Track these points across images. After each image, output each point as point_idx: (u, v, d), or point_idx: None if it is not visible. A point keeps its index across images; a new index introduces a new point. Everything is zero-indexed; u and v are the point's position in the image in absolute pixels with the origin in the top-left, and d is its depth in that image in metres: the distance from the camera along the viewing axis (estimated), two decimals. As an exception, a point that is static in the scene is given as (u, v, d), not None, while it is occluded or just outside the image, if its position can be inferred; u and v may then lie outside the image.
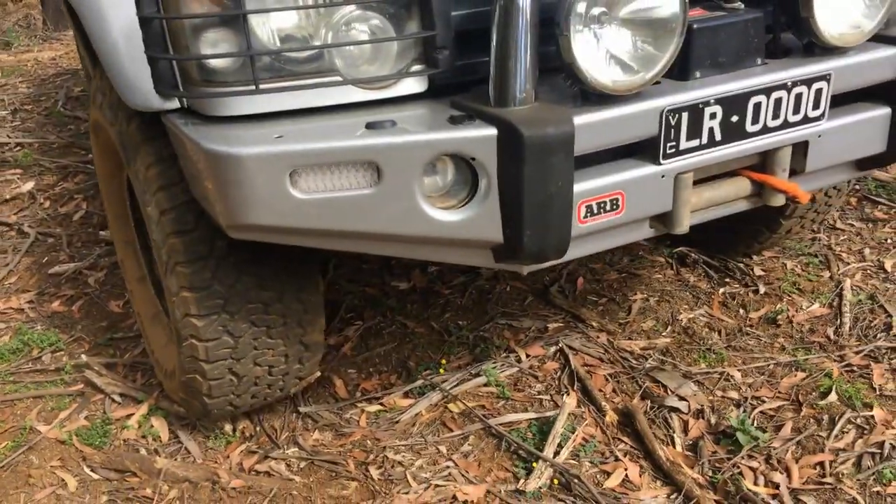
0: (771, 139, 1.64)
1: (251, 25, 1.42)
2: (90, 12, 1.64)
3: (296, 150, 1.40)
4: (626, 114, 1.46)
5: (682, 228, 1.64)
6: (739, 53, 1.60)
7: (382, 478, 2.01)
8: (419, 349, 2.49)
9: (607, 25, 1.42)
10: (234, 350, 1.86)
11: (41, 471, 2.10)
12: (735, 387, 2.26)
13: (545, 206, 1.42)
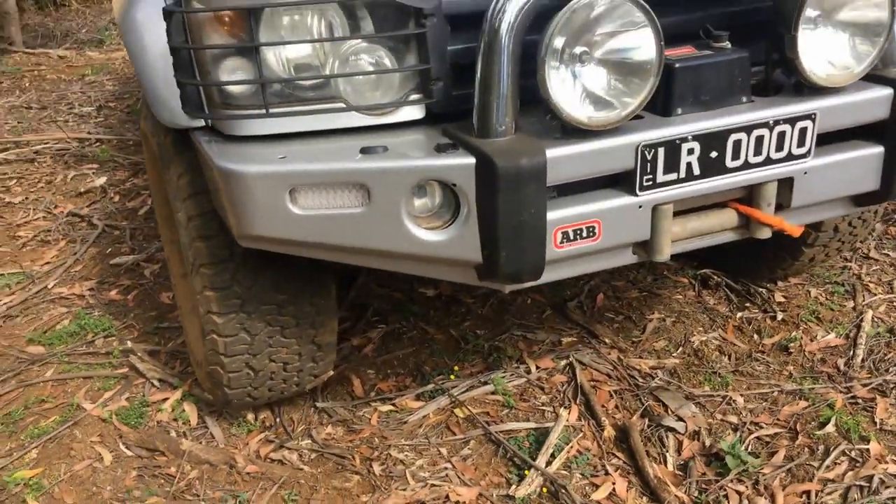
0: (753, 174, 1.70)
1: (263, 56, 1.59)
2: (132, 36, 1.84)
3: (295, 171, 1.55)
4: (601, 148, 1.55)
5: (662, 257, 1.72)
6: (723, 91, 1.67)
7: (383, 474, 2.15)
8: (436, 355, 2.62)
9: (584, 64, 1.52)
10: (250, 346, 2.03)
11: (82, 444, 2.32)
12: (736, 411, 2.30)
13: (519, 232, 1.53)
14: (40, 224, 3.88)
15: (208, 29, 1.59)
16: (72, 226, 3.83)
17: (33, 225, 3.87)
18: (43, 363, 2.72)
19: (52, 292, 3.20)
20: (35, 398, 2.54)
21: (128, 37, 1.87)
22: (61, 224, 3.84)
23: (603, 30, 1.51)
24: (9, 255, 3.57)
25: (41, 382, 2.62)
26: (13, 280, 3.31)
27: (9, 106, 6.32)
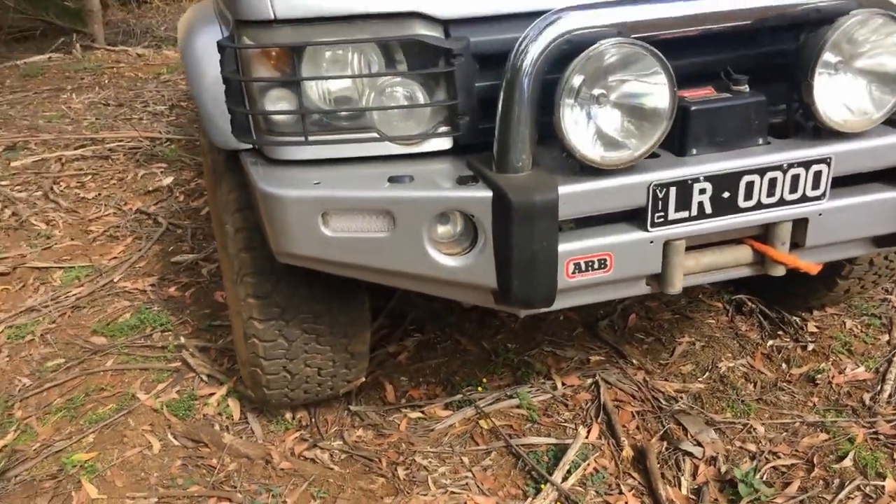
0: (766, 215, 1.75)
1: (304, 88, 1.73)
2: (190, 62, 2.01)
3: (327, 196, 1.69)
4: (613, 186, 1.64)
5: (674, 290, 1.80)
6: (739, 134, 1.73)
7: (407, 478, 2.27)
8: (466, 366, 2.73)
9: (598, 106, 1.61)
10: (287, 351, 2.18)
11: (134, 432, 2.52)
12: (755, 440, 2.34)
13: (531, 262, 1.63)
14: (110, 220, 4.14)
15: (256, 63, 1.73)
16: (139, 223, 4.08)
17: (104, 220, 4.13)
18: (104, 353, 2.94)
19: (117, 286, 3.44)
20: (95, 386, 2.75)
21: (187, 63, 2.03)
22: (129, 221, 4.09)
23: (617, 76, 1.59)
24: (80, 248, 3.83)
25: (101, 371, 2.83)
26: (83, 273, 3.56)
27: (88, 102, 6.69)
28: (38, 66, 8.31)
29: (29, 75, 7.96)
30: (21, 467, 2.40)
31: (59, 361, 2.92)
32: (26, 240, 3.95)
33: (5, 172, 4.90)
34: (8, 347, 3.06)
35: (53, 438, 2.51)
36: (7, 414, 2.66)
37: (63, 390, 2.76)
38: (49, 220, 4.16)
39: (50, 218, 4.18)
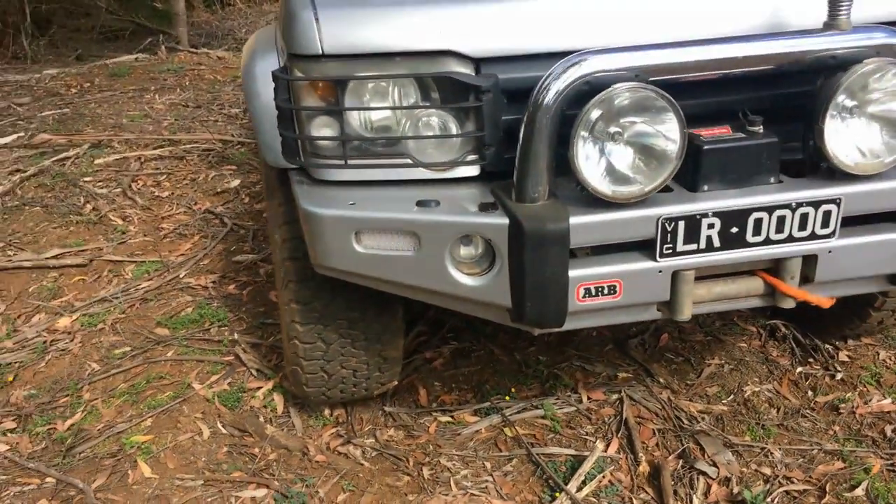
0: (775, 250, 1.84)
1: (346, 117, 1.90)
2: (249, 86, 2.20)
3: (360, 217, 1.85)
4: (623, 218, 1.75)
5: (683, 317, 1.89)
6: (750, 172, 1.82)
7: (431, 478, 2.42)
8: (498, 375, 2.87)
9: (611, 144, 1.73)
10: (325, 353, 2.36)
11: (187, 419, 2.74)
12: (771, 464, 2.40)
13: (543, 286, 1.76)
14: (181, 218, 4.42)
15: (305, 93, 1.91)
16: (206, 222, 4.35)
17: (175, 218, 4.42)
18: (166, 344, 3.19)
19: (182, 281, 3.70)
20: (156, 374, 3.00)
21: (246, 86, 2.23)
22: (197, 220, 4.36)
23: (630, 118, 1.70)
24: (151, 244, 4.11)
25: (162, 361, 3.08)
26: (152, 268, 3.84)
27: (169, 103, 7.08)
28: (126, 66, 8.79)
29: (117, 75, 8.43)
30: (85, 445, 2.65)
31: (125, 349, 3.18)
32: (104, 234, 4.26)
33: (89, 169, 5.27)
34: (81, 334, 3.34)
35: (115, 420, 2.76)
36: (77, 395, 2.92)
37: (127, 376, 3.01)
38: (125, 216, 4.47)
39: (126, 214, 4.49)
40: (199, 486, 2.44)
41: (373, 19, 1.87)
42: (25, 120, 6.83)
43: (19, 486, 2.49)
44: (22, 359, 3.19)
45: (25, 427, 2.78)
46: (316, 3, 1.91)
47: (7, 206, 4.79)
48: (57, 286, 3.77)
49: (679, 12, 1.87)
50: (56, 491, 2.45)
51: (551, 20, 1.84)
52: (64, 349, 3.24)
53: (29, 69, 9.56)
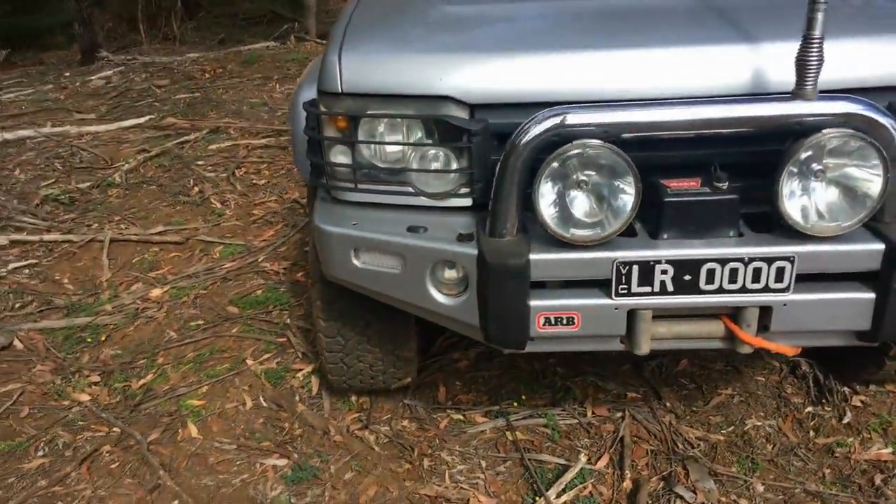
0: (729, 299, 1.97)
1: (358, 147, 2.18)
2: (292, 110, 2.52)
3: (357, 235, 2.14)
4: (580, 258, 1.94)
5: (640, 351, 2.06)
6: (710, 225, 1.95)
7: (429, 469, 2.69)
8: (514, 381, 3.09)
9: (574, 190, 1.91)
10: (343, 347, 2.67)
11: (236, 390, 3.14)
12: (750, 497, 2.51)
13: (504, 313, 1.98)
14: (271, 206, 4.88)
15: (327, 124, 2.21)
16: (292, 211, 4.78)
17: (266, 206, 4.88)
18: (233, 321, 3.61)
19: (259, 265, 4.12)
20: (219, 347, 3.42)
21: (290, 112, 2.55)
22: (285, 208, 4.80)
23: (588, 170, 1.89)
24: (240, 228, 4.58)
25: (227, 336, 3.50)
26: (237, 250, 4.29)
27: (287, 92, 7.62)
28: (257, 54, 9.47)
29: (248, 62, 9.11)
30: (150, 402, 3.10)
31: (199, 322, 3.63)
32: (203, 215, 4.78)
33: (203, 153, 5.84)
34: (167, 304, 3.83)
35: (178, 384, 3.20)
36: (152, 359, 3.39)
37: (196, 347, 3.45)
38: (224, 200, 4.97)
39: (226, 199, 4.99)
40: (232, 449, 2.82)
41: (385, 64, 2.13)
42: (161, 101, 7.57)
43: (91, 431, 2.96)
44: (116, 321, 3.71)
45: (107, 382, 3.27)
46: (343, 47, 2.20)
47: (130, 183, 5.42)
48: (156, 260, 4.30)
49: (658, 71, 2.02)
50: (119, 439, 2.90)
51: (538, 73, 2.04)
52: (151, 317, 3.74)
53: (176, 51, 10.47)
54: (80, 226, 4.79)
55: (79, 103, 7.85)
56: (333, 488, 2.62)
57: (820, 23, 1.82)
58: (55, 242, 4.55)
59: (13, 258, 4.41)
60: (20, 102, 8.14)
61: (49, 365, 3.42)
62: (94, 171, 5.73)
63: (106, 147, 6.22)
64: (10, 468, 2.79)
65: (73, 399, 3.17)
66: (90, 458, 2.81)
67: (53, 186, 5.43)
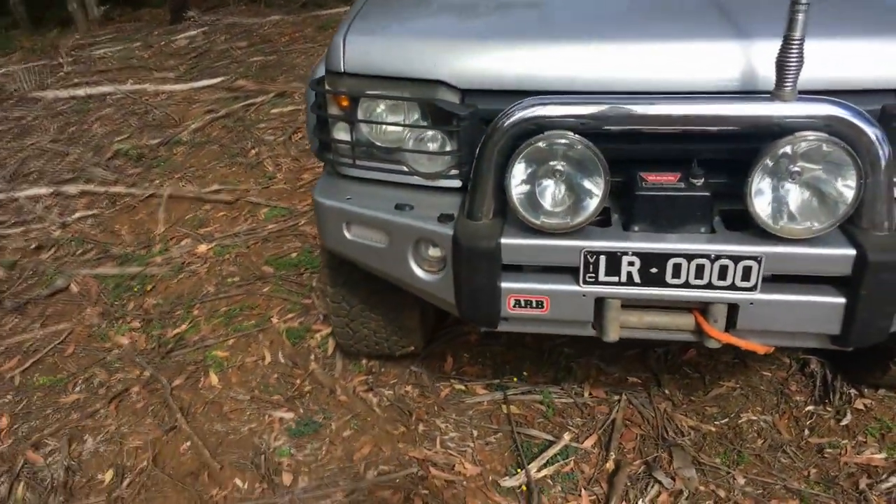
0: (694, 294, 2.00)
1: (358, 126, 2.29)
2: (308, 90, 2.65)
3: (348, 210, 2.26)
4: (549, 245, 2.00)
5: (608, 338, 2.12)
6: (681, 220, 1.98)
7: (423, 433, 2.82)
8: (518, 359, 3.17)
9: (546, 179, 1.98)
10: (348, 313, 2.82)
11: (258, 345, 3.34)
12: (729, 488, 2.54)
13: (475, 292, 2.08)
14: (320, 172, 5.04)
15: (331, 102, 2.33)
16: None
17: (315, 172, 5.06)
18: (266, 281, 3.82)
19: (299, 229, 4.31)
20: (250, 304, 3.63)
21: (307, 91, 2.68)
22: (333, 175, 4.96)
23: (560, 162, 1.95)
24: (287, 192, 4.78)
25: (259, 294, 3.71)
26: (281, 213, 4.50)
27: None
28: (334, 19, 9.64)
29: (324, 27, 9.30)
30: (181, 351, 3.34)
31: (235, 279, 3.86)
32: (255, 177, 5.00)
33: (265, 117, 6.07)
34: (210, 261, 4.07)
35: (208, 336, 3.43)
36: (189, 310, 3.63)
37: (230, 302, 3.68)
38: (277, 164, 5.19)
39: (279, 163, 5.21)
40: (246, 400, 3.02)
41: (384, 47, 2.23)
42: (236, 63, 7.85)
43: (124, 373, 3.22)
44: (163, 273, 3.98)
45: (146, 329, 3.53)
46: (349, 29, 2.31)
47: (194, 142, 5.70)
48: (206, 217, 4.55)
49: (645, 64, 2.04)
50: (147, 382, 3.15)
51: (524, 62, 2.09)
52: (194, 271, 3.99)
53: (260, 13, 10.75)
54: (143, 180, 5.09)
55: (161, 62, 8.23)
56: (331, 444, 2.79)
57: (801, 24, 1.80)
58: (119, 195, 4.86)
59: (80, 207, 4.75)
60: (109, 59, 8.59)
61: (98, 309, 3.71)
62: (165, 128, 6.04)
63: (178, 106, 6.54)
64: (49, 401, 3.08)
65: (114, 342, 3.44)
66: (119, 396, 3.07)
67: (125, 142, 5.76)
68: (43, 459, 2.78)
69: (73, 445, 2.83)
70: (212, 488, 2.62)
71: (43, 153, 5.64)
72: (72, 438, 2.87)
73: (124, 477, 2.68)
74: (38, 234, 4.42)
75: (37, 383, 3.18)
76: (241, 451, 2.77)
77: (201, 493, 2.60)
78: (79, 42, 9.65)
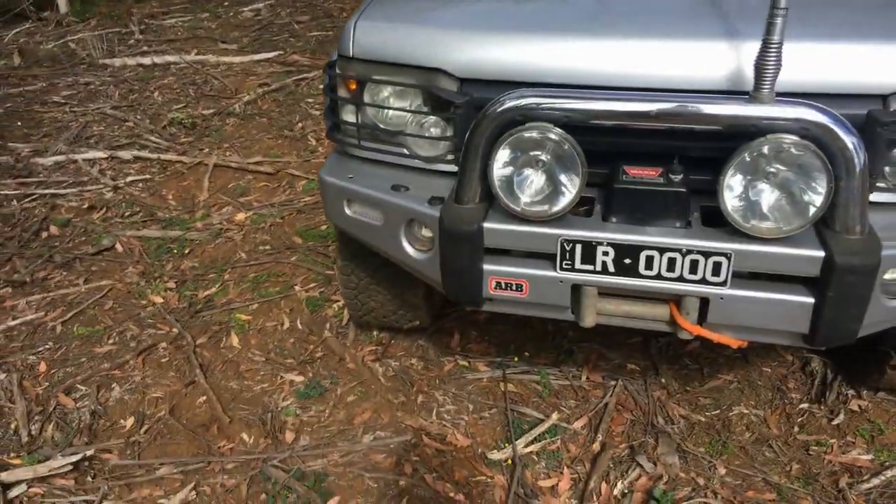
0: (665, 286, 2.07)
1: (364, 109, 2.42)
2: (327, 71, 2.79)
3: (349, 188, 2.40)
4: (528, 231, 2.10)
5: (585, 324, 2.21)
6: (658, 214, 2.05)
7: (421, 404, 2.96)
8: (523, 339, 3.28)
9: (527, 168, 2.07)
10: (357, 286, 2.97)
11: (279, 312, 3.53)
12: (708, 476, 2.61)
13: (457, 272, 2.19)
14: (360, 147, 5.20)
15: (340, 85, 2.46)
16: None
17: (355, 147, 5.20)
18: (294, 250, 4.00)
19: (332, 202, 4.47)
20: (277, 272, 3.83)
21: (326, 72, 2.82)
22: (371, 151, 5.11)
23: (536, 152, 2.04)
24: (326, 166, 4.94)
25: (286, 263, 3.90)
26: (317, 186, 4.66)
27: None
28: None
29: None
30: (208, 312, 3.56)
31: (267, 248, 4.06)
32: (297, 150, 5.20)
33: (315, 91, 6.25)
34: (247, 228, 4.28)
35: (235, 300, 3.63)
36: (221, 274, 3.85)
37: (258, 269, 3.88)
38: (320, 138, 5.36)
39: (321, 137, 5.38)
40: (261, 362, 3.22)
41: (390, 34, 2.35)
42: (295, 37, 8.06)
43: (155, 329, 3.46)
44: (202, 238, 4.20)
45: (179, 290, 3.76)
46: (360, 16, 2.43)
47: (245, 113, 5.93)
48: (248, 187, 4.76)
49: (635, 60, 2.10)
50: (174, 339, 3.38)
51: (518, 53, 2.18)
52: (230, 237, 4.20)
53: (325, -12, 10.89)
54: (193, 149, 5.34)
55: (226, 33, 8.49)
56: (335, 407, 2.96)
57: (779, 28, 1.84)
58: (169, 162, 5.12)
59: (133, 172, 5.03)
60: (178, 28, 8.90)
61: (139, 268, 3.96)
62: (220, 99, 6.29)
63: (235, 77, 6.78)
64: (84, 350, 3.33)
65: (150, 300, 3.68)
66: (148, 350, 3.31)
67: (182, 111, 6.03)
68: (73, 403, 3.03)
69: (101, 392, 3.07)
70: (220, 440, 2.82)
71: (104, 118, 5.95)
72: (101, 386, 3.11)
73: (143, 424, 2.91)
74: (92, 196, 4.71)
75: (76, 333, 3.44)
76: (251, 408, 2.96)
77: (210, 443, 2.80)
78: (154, 10, 10.00)
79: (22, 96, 6.49)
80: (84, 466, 2.70)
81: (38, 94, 6.52)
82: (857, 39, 2.02)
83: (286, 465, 2.68)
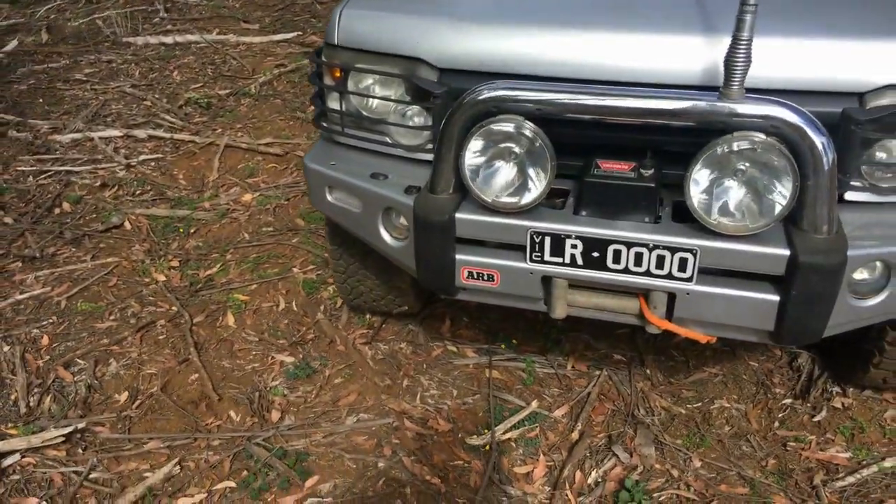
0: (632, 280, 2.09)
1: (347, 97, 2.46)
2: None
3: (330, 175, 2.44)
4: (498, 223, 2.12)
5: (554, 315, 2.23)
6: (626, 208, 2.06)
7: (406, 388, 3.01)
8: (514, 327, 3.31)
9: (499, 160, 2.09)
10: (346, 270, 3.02)
11: (276, 293, 3.60)
12: (682, 468, 2.63)
13: (430, 261, 2.22)
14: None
15: (326, 73, 2.50)
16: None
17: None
18: (296, 232, 4.06)
19: (337, 185, 4.52)
20: (277, 254, 3.89)
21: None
22: (380, 135, 5.14)
23: (508, 144, 2.06)
24: (334, 149, 4.99)
25: (286, 245, 3.96)
26: (323, 169, 4.71)
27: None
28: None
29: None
30: (208, 291, 3.64)
31: (269, 230, 4.12)
32: (307, 132, 5.24)
33: (329, 73, 6.27)
34: (252, 209, 4.35)
35: (234, 280, 3.71)
36: (223, 254, 3.93)
37: (260, 250, 3.95)
38: (330, 120, 5.39)
39: (332, 119, 5.41)
40: (255, 341, 3.29)
41: (372, 23, 2.37)
42: (316, 18, 8.09)
43: (155, 306, 3.55)
44: (208, 218, 4.28)
45: (182, 268, 3.84)
46: (346, 4, 2.46)
47: (261, 94, 5.99)
48: (256, 168, 4.83)
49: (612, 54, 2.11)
50: (173, 317, 3.46)
51: (495, 45, 2.19)
52: (235, 218, 4.27)
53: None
54: (207, 129, 5.42)
55: (248, 13, 8.54)
56: (321, 388, 3.02)
57: (749, 24, 1.83)
58: (182, 141, 5.20)
59: (146, 151, 5.12)
60: (202, 7, 8.98)
61: (145, 246, 4.05)
62: (237, 79, 6.35)
63: (253, 58, 6.84)
64: (86, 325, 3.43)
65: (153, 278, 3.77)
66: (146, 327, 3.39)
67: (198, 91, 6.10)
68: (71, 377, 3.13)
69: (98, 367, 3.17)
70: (208, 417, 2.89)
71: (124, 97, 6.06)
72: (98, 361, 3.20)
73: (136, 399, 3.00)
74: (105, 173, 4.81)
75: (79, 308, 3.54)
76: (241, 387, 3.03)
77: (198, 420, 2.88)
78: (180, -12, 10.11)
79: (46, 73, 6.62)
80: (76, 438, 2.79)
81: (61, 72, 6.65)
82: (833, 36, 2.00)
83: (269, 443, 2.75)
